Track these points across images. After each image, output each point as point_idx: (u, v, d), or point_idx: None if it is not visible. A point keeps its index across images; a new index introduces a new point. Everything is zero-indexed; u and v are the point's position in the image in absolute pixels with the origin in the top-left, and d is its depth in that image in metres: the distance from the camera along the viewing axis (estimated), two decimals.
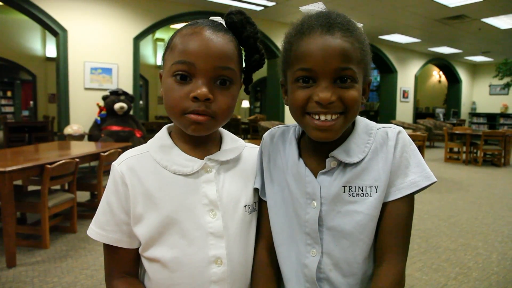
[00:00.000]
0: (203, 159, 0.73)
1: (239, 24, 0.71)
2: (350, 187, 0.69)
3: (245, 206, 0.75)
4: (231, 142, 0.79)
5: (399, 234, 0.68)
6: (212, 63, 0.66)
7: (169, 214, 0.69)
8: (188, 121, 0.67)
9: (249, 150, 0.82)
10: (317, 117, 0.65)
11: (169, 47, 0.71)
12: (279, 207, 0.75)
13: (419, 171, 0.69)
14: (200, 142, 0.74)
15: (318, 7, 0.71)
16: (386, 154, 0.69)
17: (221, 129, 0.80)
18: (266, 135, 0.80)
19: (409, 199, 0.71)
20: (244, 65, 0.75)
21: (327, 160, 0.70)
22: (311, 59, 0.63)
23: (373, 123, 0.74)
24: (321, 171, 0.70)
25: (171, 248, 0.70)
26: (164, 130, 0.77)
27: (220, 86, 0.68)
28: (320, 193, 0.69)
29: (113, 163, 0.73)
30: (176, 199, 0.70)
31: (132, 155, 0.74)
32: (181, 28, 0.71)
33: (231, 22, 0.72)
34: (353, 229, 0.68)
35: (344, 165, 0.69)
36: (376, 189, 0.68)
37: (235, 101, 0.72)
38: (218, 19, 0.74)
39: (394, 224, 0.68)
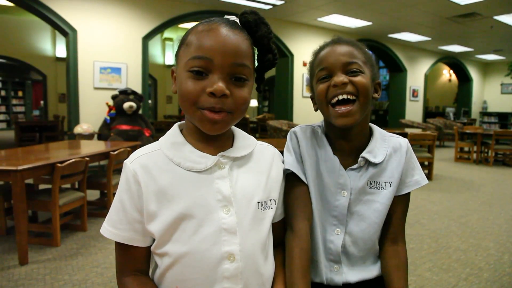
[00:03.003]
0: (215, 156, 0.73)
1: (253, 24, 0.72)
2: (371, 182, 0.87)
3: (258, 202, 0.76)
4: (243, 139, 0.80)
5: (404, 220, 0.91)
6: (228, 59, 0.67)
7: (182, 211, 0.69)
8: (204, 117, 0.68)
9: (261, 148, 0.83)
10: (336, 99, 0.82)
11: (184, 44, 0.71)
12: (313, 183, 0.88)
13: (420, 173, 0.90)
14: (212, 140, 0.74)
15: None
16: (400, 158, 0.89)
17: (233, 127, 0.81)
18: (298, 130, 0.93)
19: (409, 193, 0.91)
20: (256, 64, 0.76)
21: (359, 160, 0.87)
22: (326, 61, 0.84)
23: (383, 131, 0.94)
24: (351, 167, 0.88)
25: (184, 244, 0.70)
26: (175, 128, 0.77)
27: (235, 82, 0.69)
28: (350, 185, 0.86)
29: (125, 161, 0.73)
30: (190, 195, 0.70)
31: (144, 153, 0.74)
32: (196, 26, 0.72)
33: (246, 21, 0.72)
34: (371, 214, 0.87)
35: (369, 164, 0.88)
36: (390, 184, 0.87)
37: (250, 96, 0.72)
38: (232, 17, 0.75)
39: (402, 212, 0.90)
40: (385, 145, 0.89)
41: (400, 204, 0.89)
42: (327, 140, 0.91)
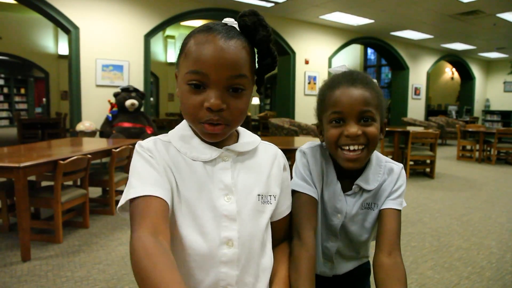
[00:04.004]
0: (221, 149, 0.77)
1: (252, 27, 0.72)
2: (363, 204, 0.94)
3: (259, 195, 0.78)
4: (248, 136, 0.83)
5: (399, 233, 0.92)
6: (225, 73, 0.68)
7: (186, 195, 0.72)
8: (204, 129, 0.72)
9: (264, 146, 0.85)
10: (347, 148, 0.86)
11: (183, 52, 0.73)
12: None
13: (399, 198, 0.93)
14: None
15: (343, 68, 0.93)
16: (390, 183, 0.93)
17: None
18: (308, 152, 0.95)
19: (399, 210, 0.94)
20: (257, 66, 0.76)
21: (353, 186, 0.93)
22: (341, 104, 0.84)
23: (381, 156, 0.97)
24: (347, 193, 0.94)
25: (185, 227, 0.71)
26: (184, 122, 0.80)
27: (233, 93, 0.71)
28: (345, 210, 0.93)
29: (138, 142, 0.76)
30: (194, 182, 0.73)
31: (155, 138, 0.78)
32: (196, 33, 0.72)
33: (244, 25, 0.72)
34: (361, 231, 0.96)
35: (363, 190, 0.93)
36: (377, 205, 0.94)
37: (248, 104, 0.75)
38: (231, 21, 0.74)
39: (397, 225, 0.93)
40: (380, 171, 0.94)
41: (392, 217, 0.91)
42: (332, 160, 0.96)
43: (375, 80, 0.90)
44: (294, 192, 0.90)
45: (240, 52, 0.70)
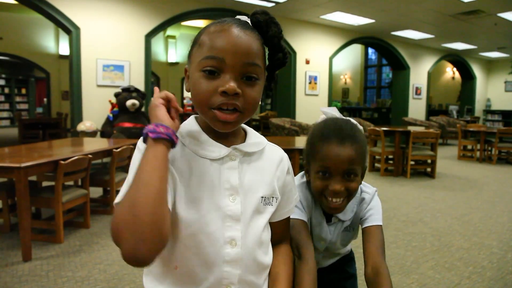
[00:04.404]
0: (229, 148, 0.77)
1: (264, 24, 0.74)
2: (343, 229, 1.10)
3: (262, 197, 0.79)
4: (255, 137, 0.84)
5: (383, 248, 1.02)
6: (240, 59, 0.69)
7: (192, 192, 0.72)
8: (216, 117, 0.71)
9: (271, 148, 0.86)
10: (330, 199, 0.97)
11: (196, 44, 0.74)
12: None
13: (377, 214, 1.06)
14: (225, 135, 0.78)
15: (334, 111, 1.04)
16: (363, 210, 1.07)
17: (245, 126, 0.84)
18: (297, 188, 1.02)
19: (380, 226, 1.06)
20: (267, 63, 0.78)
21: (332, 218, 1.08)
22: (329, 161, 0.94)
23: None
24: (329, 223, 1.08)
25: (189, 225, 0.71)
26: (192, 118, 0.81)
27: (246, 82, 0.71)
28: (328, 238, 1.09)
29: (141, 138, 0.73)
30: (200, 179, 0.73)
31: None
32: (209, 26, 0.74)
33: (257, 21, 0.74)
34: (342, 245, 1.14)
35: (342, 220, 1.08)
36: (355, 228, 1.11)
37: (261, 94, 0.75)
38: (244, 18, 0.76)
39: (379, 241, 1.03)
40: (355, 202, 1.07)
41: (374, 232, 1.03)
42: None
43: (361, 127, 1.00)
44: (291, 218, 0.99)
45: (254, 42, 0.72)
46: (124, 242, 0.58)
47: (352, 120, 1.02)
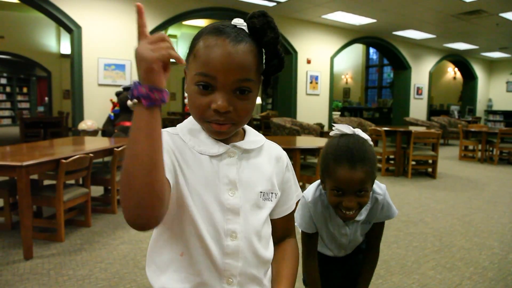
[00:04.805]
0: (227, 145, 0.79)
1: (260, 29, 0.73)
2: (361, 224, 1.24)
3: (261, 192, 0.81)
4: (254, 135, 0.86)
5: (380, 237, 1.31)
6: (232, 77, 0.70)
7: (193, 186, 0.74)
8: (211, 128, 0.74)
9: (269, 145, 0.88)
10: (344, 212, 1.09)
11: (192, 52, 0.74)
12: (323, 230, 1.28)
13: (392, 210, 1.24)
14: None
15: (346, 128, 1.10)
16: (377, 209, 1.21)
17: (244, 125, 0.85)
18: (311, 206, 1.19)
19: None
20: (264, 67, 0.77)
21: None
22: (342, 183, 1.05)
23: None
24: (346, 223, 1.22)
25: (191, 218, 0.73)
26: (192, 117, 0.81)
27: (239, 96, 0.73)
28: (348, 233, 1.24)
29: None
30: (200, 175, 0.75)
31: (163, 130, 0.77)
32: (205, 34, 0.73)
33: (253, 27, 0.74)
34: (363, 233, 1.29)
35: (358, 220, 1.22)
36: (370, 221, 1.25)
37: (254, 104, 0.77)
38: (240, 23, 0.75)
39: (379, 232, 1.30)
40: (369, 204, 1.18)
41: (377, 228, 1.27)
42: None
43: (371, 143, 1.10)
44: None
45: (248, 56, 0.72)
46: (125, 209, 0.60)
47: (361, 133, 1.10)
